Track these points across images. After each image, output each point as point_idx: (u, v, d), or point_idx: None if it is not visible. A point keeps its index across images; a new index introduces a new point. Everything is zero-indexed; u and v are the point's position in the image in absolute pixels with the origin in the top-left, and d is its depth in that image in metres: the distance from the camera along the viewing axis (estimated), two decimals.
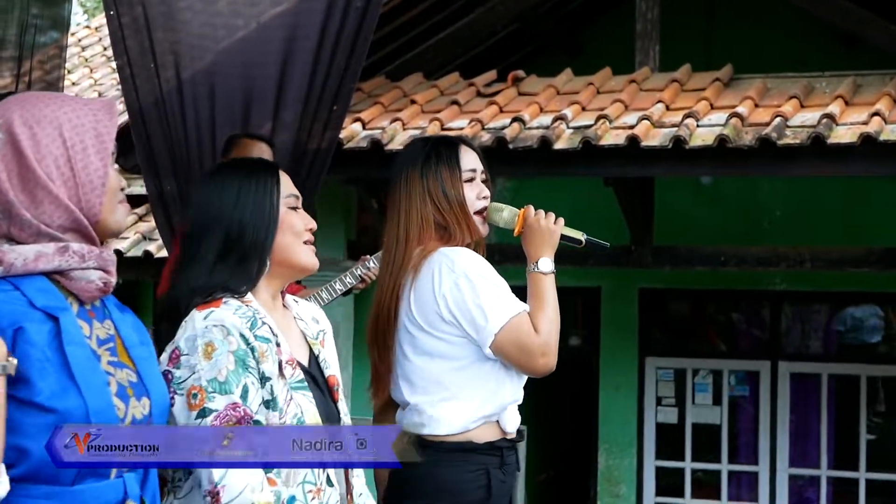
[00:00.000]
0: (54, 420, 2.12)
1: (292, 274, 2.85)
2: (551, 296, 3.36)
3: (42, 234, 2.22)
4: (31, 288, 2.21)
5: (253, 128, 5.73)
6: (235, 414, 2.54)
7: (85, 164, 2.25)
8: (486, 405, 3.31)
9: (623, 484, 9.68)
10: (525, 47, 9.90)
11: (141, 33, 5.72)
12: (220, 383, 2.55)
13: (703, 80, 7.66)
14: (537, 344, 3.26)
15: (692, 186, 9.24)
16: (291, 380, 2.68)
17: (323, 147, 5.85)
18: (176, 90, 5.75)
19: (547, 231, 3.42)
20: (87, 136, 2.26)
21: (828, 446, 9.36)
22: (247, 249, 2.73)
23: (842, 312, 9.73)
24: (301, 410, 2.66)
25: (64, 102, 2.29)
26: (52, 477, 2.15)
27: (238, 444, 2.50)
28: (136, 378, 2.31)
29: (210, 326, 2.60)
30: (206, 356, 2.56)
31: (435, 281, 3.31)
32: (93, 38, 12.97)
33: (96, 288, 2.29)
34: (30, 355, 2.13)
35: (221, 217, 2.74)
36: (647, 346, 9.75)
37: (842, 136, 6.46)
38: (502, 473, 3.33)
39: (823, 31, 9.05)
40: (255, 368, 2.60)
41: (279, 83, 5.77)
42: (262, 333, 2.65)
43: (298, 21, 5.76)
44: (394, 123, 7.35)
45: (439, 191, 3.40)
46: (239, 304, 2.67)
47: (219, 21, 5.85)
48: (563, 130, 6.98)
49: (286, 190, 2.81)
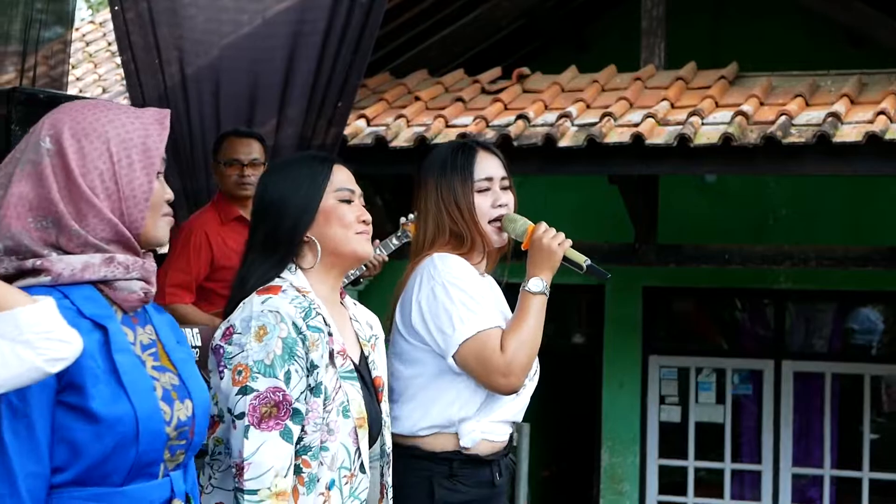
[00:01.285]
0: (106, 426, 2.19)
1: (346, 263, 2.94)
2: (532, 317, 3.29)
3: (89, 245, 2.26)
4: (80, 297, 2.26)
5: (258, 124, 5.72)
6: (275, 397, 2.65)
7: (130, 179, 2.29)
8: (433, 415, 3.28)
9: (626, 482, 9.68)
10: (530, 44, 9.89)
11: (146, 29, 5.72)
12: (265, 365, 2.66)
13: (708, 78, 7.65)
14: (500, 363, 3.20)
15: (697, 185, 9.22)
16: (342, 369, 2.79)
17: (327, 143, 5.85)
18: (180, 86, 5.75)
19: (549, 251, 3.34)
20: (135, 150, 2.30)
21: (831, 445, 9.36)
22: (280, 237, 2.85)
23: (852, 311, 9.72)
24: (348, 399, 2.77)
25: (115, 115, 2.32)
26: (103, 479, 2.21)
27: (276, 424, 2.63)
28: (177, 381, 2.37)
29: (266, 311, 2.70)
30: (257, 338, 2.68)
31: (416, 287, 3.31)
32: (97, 33, 12.94)
33: (138, 298, 2.34)
34: (81, 363, 2.17)
35: (269, 207, 2.88)
36: (651, 345, 9.74)
37: (847, 135, 6.45)
38: (452, 483, 3.27)
39: (830, 29, 9.03)
40: (302, 357, 2.70)
41: (284, 79, 5.77)
42: (315, 323, 2.75)
43: (303, 17, 5.76)
44: (398, 120, 7.35)
45: (451, 200, 3.39)
46: (296, 294, 2.77)
47: (224, 17, 5.85)
48: (568, 128, 6.97)
49: (338, 182, 2.91)
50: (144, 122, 2.34)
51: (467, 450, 3.30)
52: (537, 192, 8.87)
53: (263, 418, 2.63)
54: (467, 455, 3.30)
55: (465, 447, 3.29)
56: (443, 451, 3.28)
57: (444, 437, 3.30)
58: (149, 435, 2.23)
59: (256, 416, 2.63)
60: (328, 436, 2.73)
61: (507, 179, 3.48)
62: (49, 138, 2.29)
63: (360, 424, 2.79)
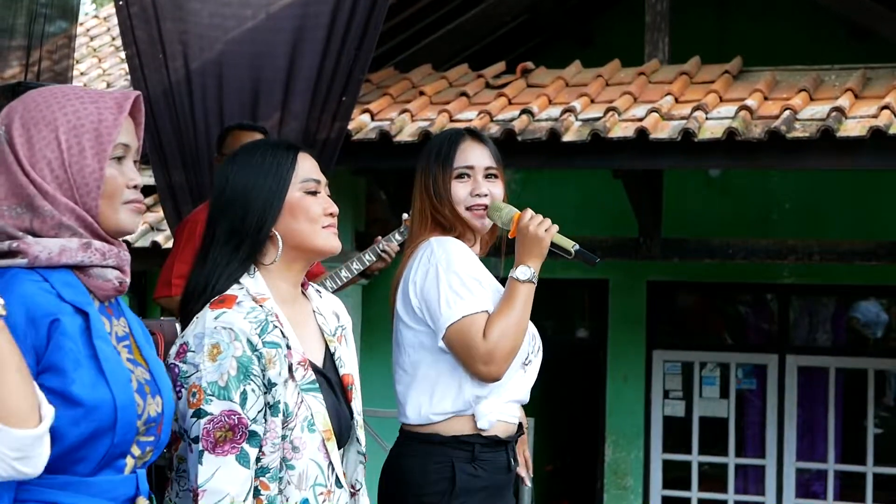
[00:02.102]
0: (83, 412, 2.15)
1: (310, 258, 2.80)
2: (519, 305, 3.27)
3: (63, 227, 2.23)
4: (59, 281, 2.23)
5: (261, 118, 5.73)
6: (230, 420, 2.53)
7: (81, 166, 2.24)
8: (448, 400, 3.28)
9: (630, 476, 9.68)
10: (534, 39, 9.89)
11: (150, 23, 5.72)
12: (219, 388, 2.54)
13: (712, 72, 7.65)
14: (481, 350, 3.19)
15: (701, 179, 9.22)
16: (302, 382, 2.66)
17: (331, 138, 5.86)
18: (185, 80, 5.76)
19: (536, 238, 3.32)
20: (86, 137, 2.25)
21: (835, 440, 9.36)
22: (246, 232, 2.70)
23: (856, 306, 9.72)
24: (311, 413, 2.65)
25: (69, 101, 2.27)
26: (72, 468, 2.18)
27: (231, 448, 2.52)
28: (149, 376, 2.33)
29: (219, 328, 2.57)
30: (210, 357, 2.55)
31: (414, 269, 3.33)
32: (101, 27, 12.95)
33: (112, 287, 2.30)
34: (63, 347, 2.16)
35: (232, 200, 2.72)
36: (655, 339, 9.74)
37: (851, 130, 6.45)
38: (473, 468, 3.26)
39: (834, 23, 9.03)
40: (258, 375, 2.58)
41: (288, 74, 5.77)
42: (272, 339, 2.62)
43: (308, 11, 5.77)
44: (402, 115, 7.35)
45: (430, 187, 3.42)
46: (252, 304, 2.64)
47: (228, 11, 5.85)
48: (572, 123, 6.97)
49: (304, 173, 2.75)
50: (100, 106, 2.27)
51: (485, 431, 3.29)
52: (541, 187, 8.87)
53: (218, 443, 2.51)
54: (487, 437, 3.30)
55: (483, 429, 3.28)
56: (464, 435, 3.27)
57: (461, 420, 3.29)
58: (125, 425, 2.20)
59: (211, 441, 2.51)
60: (293, 453, 2.62)
61: (493, 169, 3.47)
62: (4, 128, 2.26)
63: (327, 437, 2.67)
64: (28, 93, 2.32)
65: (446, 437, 3.27)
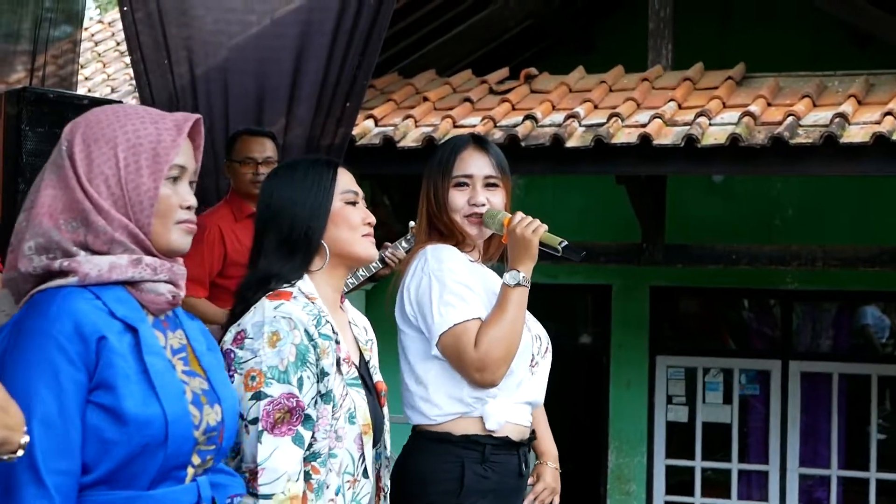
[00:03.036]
0: (135, 427, 2.19)
1: (351, 265, 2.99)
2: (510, 311, 3.27)
3: (115, 243, 2.27)
4: (111, 298, 2.27)
5: (266, 124, 5.74)
6: (289, 403, 2.68)
7: (137, 184, 2.29)
8: (451, 402, 3.30)
9: (633, 482, 9.68)
10: (538, 44, 9.90)
11: (154, 29, 5.74)
12: (280, 371, 2.68)
13: (715, 78, 7.66)
14: (472, 358, 3.22)
15: (704, 185, 9.23)
16: (348, 376, 2.82)
17: (335, 143, 5.87)
18: (189, 86, 5.77)
19: (523, 239, 3.32)
20: (144, 156, 2.30)
21: (838, 446, 9.36)
22: (296, 241, 2.86)
23: (860, 312, 9.72)
24: (354, 406, 2.80)
25: (129, 120, 2.33)
26: (130, 481, 2.22)
27: (288, 430, 2.67)
28: (207, 386, 2.38)
29: (279, 317, 2.73)
30: (270, 344, 2.70)
31: (408, 277, 3.37)
32: (106, 32, 12.97)
33: (165, 301, 2.35)
34: (114, 363, 2.20)
35: (278, 212, 2.88)
36: (658, 345, 9.74)
37: (854, 136, 6.46)
38: (483, 469, 3.28)
39: (837, 30, 9.04)
40: (313, 364, 2.73)
41: (293, 79, 5.78)
42: (325, 331, 2.78)
43: (312, 17, 5.78)
44: (406, 120, 7.36)
45: (431, 194, 3.47)
46: (306, 301, 2.80)
47: (232, 17, 5.86)
48: (576, 128, 6.98)
49: (343, 185, 2.93)
50: (160, 127, 2.33)
51: (496, 432, 3.31)
52: (545, 193, 8.88)
53: (277, 424, 2.66)
54: (498, 438, 3.31)
55: (493, 430, 3.30)
56: (475, 435, 3.29)
57: (470, 420, 3.31)
58: (177, 438, 2.24)
59: (270, 422, 2.66)
60: (336, 442, 2.76)
61: (494, 178, 3.48)
62: (66, 143, 2.31)
63: (365, 431, 2.82)
64: (92, 110, 2.38)
65: (457, 436, 3.29)
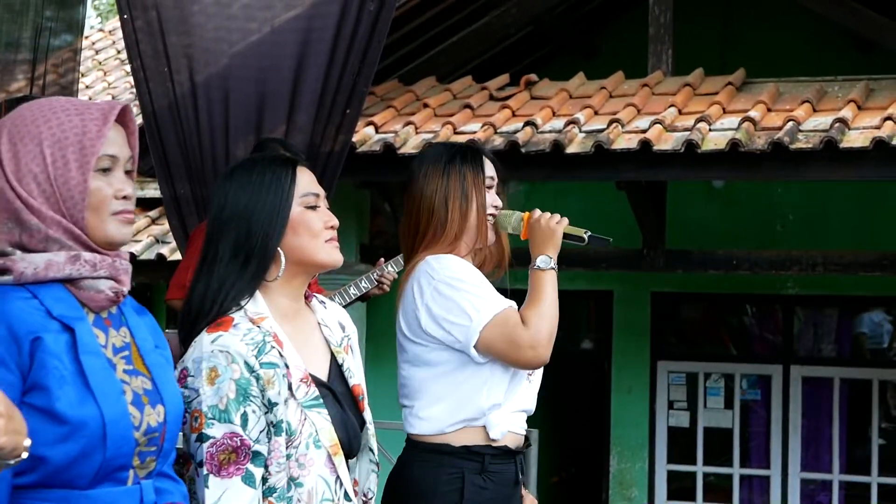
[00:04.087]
0: (71, 429, 2.15)
1: (311, 271, 2.79)
2: (548, 292, 3.31)
3: (51, 240, 2.23)
4: (49, 296, 2.22)
5: (266, 131, 5.74)
6: (232, 443, 2.55)
7: (65, 179, 2.24)
8: (461, 409, 3.27)
9: (635, 487, 9.68)
10: (538, 51, 9.91)
11: (155, 37, 5.74)
12: (220, 411, 2.55)
13: (715, 84, 7.67)
14: (526, 336, 3.21)
15: (704, 190, 9.24)
16: (305, 399, 2.65)
17: (336, 150, 5.87)
18: (190, 94, 5.77)
19: (548, 230, 3.39)
20: (70, 150, 2.24)
21: (840, 450, 9.36)
22: (252, 250, 2.67)
23: (860, 316, 9.72)
24: (316, 430, 2.65)
25: (54, 114, 2.27)
26: (68, 482, 2.18)
27: (236, 470, 2.54)
28: (150, 385, 2.32)
29: (216, 351, 2.58)
30: (209, 381, 2.56)
31: (416, 291, 3.29)
32: (106, 41, 12.99)
33: (105, 298, 2.29)
34: (47, 364, 2.15)
35: (233, 217, 2.69)
36: (660, 350, 9.75)
37: (854, 141, 6.46)
38: (483, 480, 3.26)
39: (837, 35, 9.05)
40: (258, 396, 2.58)
41: (293, 86, 5.79)
42: (270, 360, 2.61)
43: (312, 25, 5.78)
44: (406, 127, 7.37)
45: (459, 192, 3.37)
46: (249, 326, 2.63)
47: (232, 25, 5.87)
48: (576, 134, 6.99)
49: (303, 188, 2.73)
50: (85, 118, 2.27)
51: (496, 442, 3.29)
52: (545, 199, 8.87)
53: (223, 465, 2.54)
54: (497, 448, 3.29)
55: (495, 439, 3.28)
56: (475, 445, 3.27)
57: (472, 431, 3.28)
58: (116, 439, 2.19)
59: (215, 464, 2.54)
60: (300, 471, 2.61)
61: (500, 184, 3.51)
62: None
63: (334, 452, 2.66)
64: (19, 107, 2.32)
65: (457, 447, 3.26)
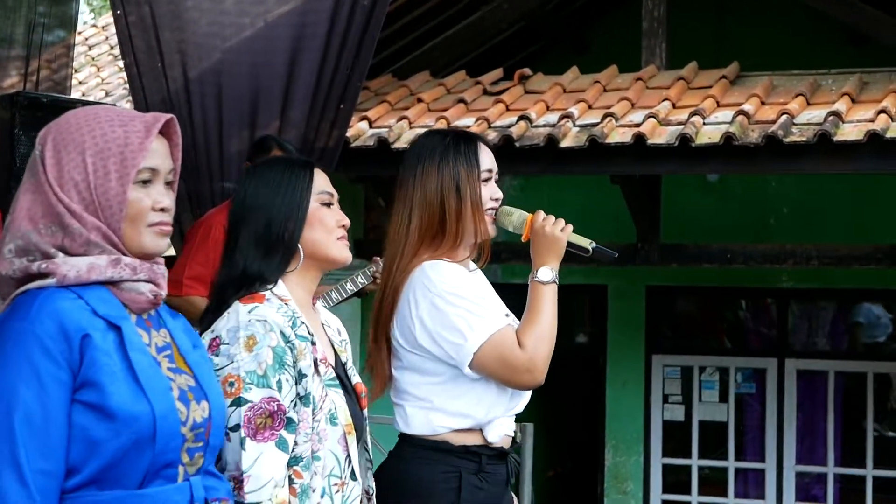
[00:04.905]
0: (123, 424, 2.20)
1: (324, 267, 2.93)
2: (546, 308, 3.21)
3: (92, 244, 2.28)
4: (93, 297, 2.28)
5: (260, 126, 5.74)
6: (270, 407, 2.64)
7: (105, 189, 2.29)
8: (460, 419, 3.21)
9: (630, 481, 9.69)
10: (531, 45, 9.91)
11: (148, 32, 5.74)
12: (258, 376, 2.65)
13: (709, 77, 7.66)
14: (522, 359, 3.13)
15: (699, 184, 9.24)
16: (326, 377, 2.78)
17: (330, 145, 5.87)
18: (183, 89, 5.77)
19: (552, 238, 3.28)
20: (111, 160, 2.30)
21: (835, 443, 9.37)
22: (273, 242, 2.81)
23: (855, 309, 9.73)
24: (335, 406, 2.77)
25: (98, 123, 2.33)
26: (119, 480, 2.22)
27: (271, 434, 2.63)
28: (193, 382, 2.39)
29: (253, 321, 2.69)
30: (247, 348, 2.66)
31: (412, 303, 3.19)
32: (100, 37, 12.97)
33: (146, 300, 2.35)
34: (98, 361, 2.21)
35: (255, 210, 2.83)
36: (654, 344, 9.75)
37: (848, 134, 6.46)
38: (479, 480, 3.21)
39: (831, 28, 9.05)
40: (291, 366, 2.70)
41: (286, 82, 5.79)
42: (301, 332, 2.75)
43: (306, 20, 5.78)
44: (400, 122, 7.36)
45: (454, 187, 3.26)
46: (280, 303, 2.76)
47: (226, 20, 5.87)
48: (570, 129, 6.98)
49: (319, 186, 2.88)
50: (128, 130, 2.33)
51: (494, 444, 3.25)
52: (539, 193, 8.88)
53: (259, 429, 2.62)
54: (493, 449, 3.26)
55: (493, 442, 3.25)
56: (474, 446, 3.23)
57: (469, 432, 3.23)
58: (165, 434, 2.24)
59: (252, 428, 2.62)
60: (318, 444, 2.71)
61: (498, 174, 3.40)
62: (40, 147, 2.33)
63: (348, 431, 2.79)
64: (65, 114, 2.38)
65: (455, 446, 3.22)
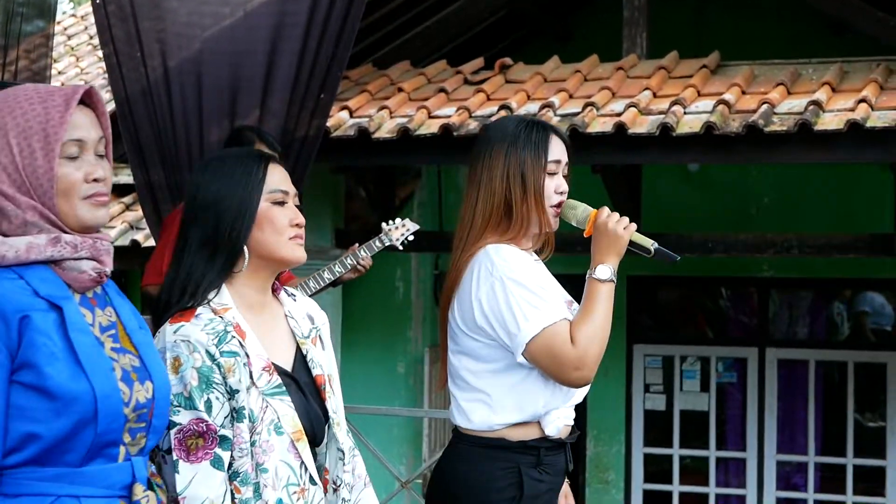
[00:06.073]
0: (63, 404, 2.19)
1: (276, 267, 2.84)
2: (601, 306, 3.18)
3: (30, 224, 2.27)
4: (35, 277, 2.27)
5: (240, 116, 5.72)
6: (199, 428, 2.62)
7: (33, 168, 2.28)
8: (516, 412, 3.18)
9: (611, 470, 9.71)
10: (512, 35, 9.90)
11: (127, 22, 5.71)
12: (185, 398, 2.63)
13: (690, 67, 7.66)
14: (572, 356, 3.10)
15: (680, 174, 9.25)
16: (267, 387, 2.71)
17: (310, 135, 5.85)
18: (163, 79, 5.74)
19: (614, 236, 3.24)
20: (35, 138, 2.28)
21: (815, 432, 9.40)
22: (219, 243, 2.74)
23: (836, 299, 9.77)
24: (278, 416, 2.70)
25: (18, 103, 2.31)
26: (61, 459, 2.22)
27: (205, 454, 2.61)
28: (138, 363, 2.38)
29: (178, 341, 2.66)
30: (173, 370, 2.63)
31: (473, 284, 3.17)
32: (79, 26, 12.92)
33: (89, 278, 2.33)
34: (36, 342, 2.20)
35: (205, 210, 2.76)
36: (636, 334, 9.77)
37: (828, 123, 6.47)
38: (538, 473, 3.19)
39: (811, 17, 9.06)
40: (220, 383, 2.66)
41: (266, 71, 5.76)
42: (230, 348, 2.68)
43: (286, 9, 5.75)
44: (381, 111, 7.35)
45: (518, 175, 3.22)
46: (212, 316, 2.70)
47: (205, 9, 5.84)
48: (551, 118, 6.97)
49: (272, 184, 2.78)
50: (48, 105, 2.31)
51: (553, 436, 3.23)
52: None
53: (191, 450, 2.61)
54: (552, 441, 3.23)
55: (552, 435, 3.22)
56: (531, 440, 3.19)
57: (526, 427, 3.20)
58: (108, 415, 2.24)
59: (183, 450, 2.60)
60: (263, 456, 2.67)
61: (568, 166, 3.37)
62: None
63: (297, 438, 2.72)
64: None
65: (513, 442, 3.18)
